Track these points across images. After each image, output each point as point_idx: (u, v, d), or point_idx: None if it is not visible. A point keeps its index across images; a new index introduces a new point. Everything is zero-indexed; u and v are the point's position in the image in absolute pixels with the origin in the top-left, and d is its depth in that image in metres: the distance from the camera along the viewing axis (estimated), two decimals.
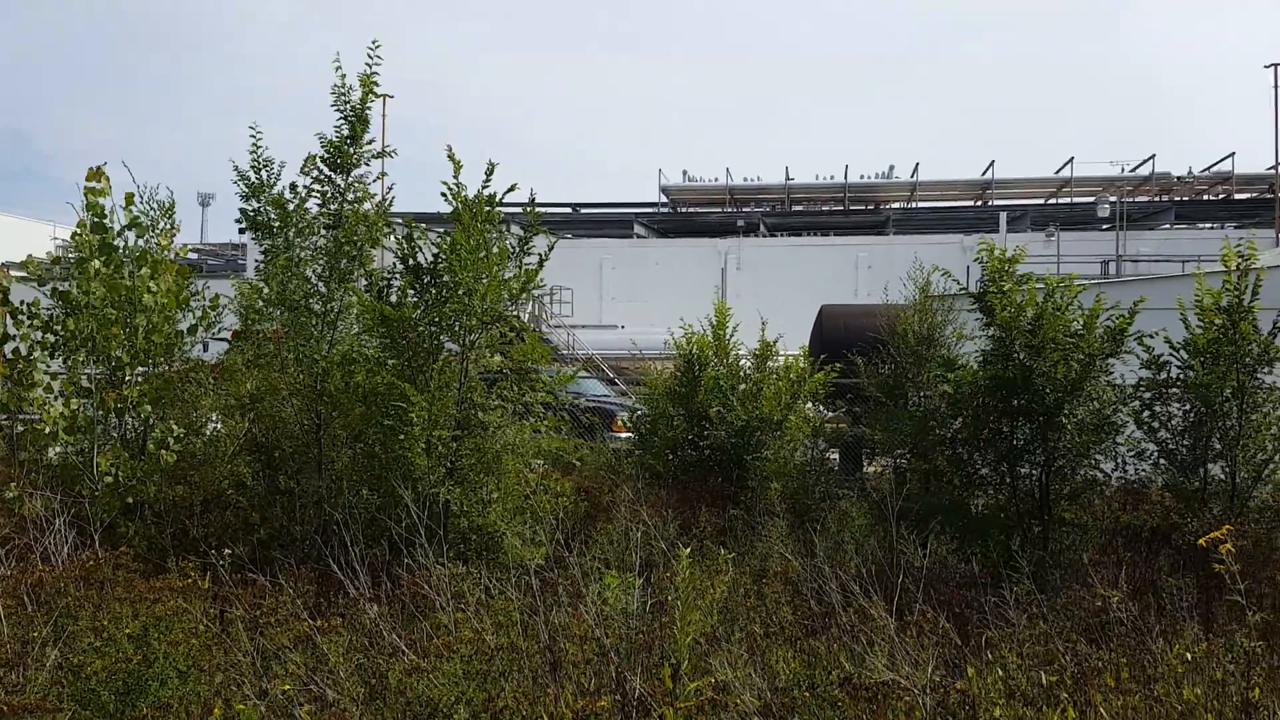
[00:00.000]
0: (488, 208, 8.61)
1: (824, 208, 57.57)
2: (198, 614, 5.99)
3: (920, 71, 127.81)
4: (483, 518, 7.91)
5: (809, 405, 12.66)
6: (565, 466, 10.55)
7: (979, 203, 55.49)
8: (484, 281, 8.16)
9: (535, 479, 8.63)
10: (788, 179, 55.44)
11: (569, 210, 56.46)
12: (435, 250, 8.49)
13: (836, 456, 13.69)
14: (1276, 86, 34.55)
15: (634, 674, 4.50)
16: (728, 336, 12.36)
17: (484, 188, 8.75)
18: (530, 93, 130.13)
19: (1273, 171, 43.02)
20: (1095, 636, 5.85)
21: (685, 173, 57.07)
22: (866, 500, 10.64)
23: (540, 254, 8.68)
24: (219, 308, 9.50)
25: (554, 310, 34.06)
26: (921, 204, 56.55)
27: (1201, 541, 5.53)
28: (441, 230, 8.85)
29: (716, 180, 56.36)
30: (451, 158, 8.81)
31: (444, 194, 8.69)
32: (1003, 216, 44.88)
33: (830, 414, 13.77)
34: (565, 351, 29.43)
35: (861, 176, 55.71)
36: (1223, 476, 8.81)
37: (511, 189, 9.01)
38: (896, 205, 56.32)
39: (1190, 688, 4.81)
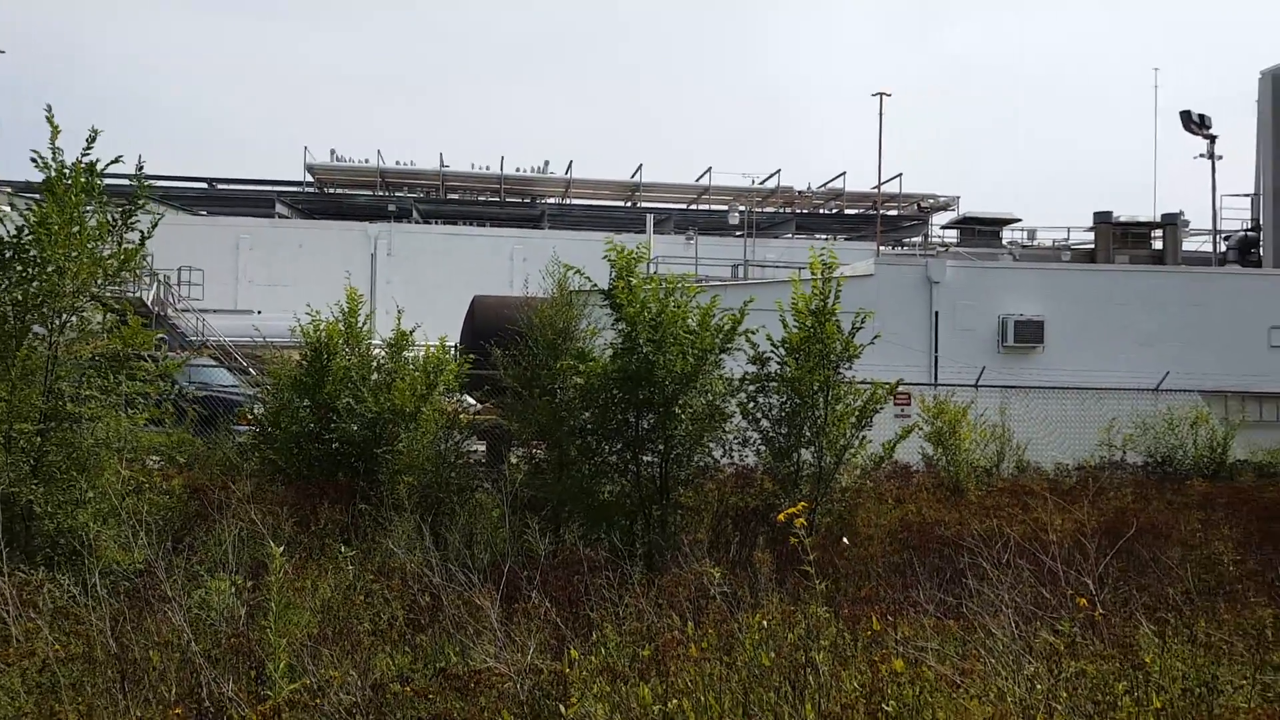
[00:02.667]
0: (86, 177, 7.81)
1: (480, 198, 57.59)
2: None
3: (574, 66, 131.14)
4: (72, 520, 7.16)
5: (458, 397, 12.59)
6: (180, 463, 9.79)
7: (629, 204, 58.04)
8: (76, 259, 7.38)
9: (138, 476, 7.93)
10: (443, 165, 54.81)
11: (205, 186, 52.31)
12: (23, 222, 7.58)
13: (484, 448, 13.75)
14: (881, 114, 39.04)
15: (225, 680, 4.26)
16: (361, 324, 12.00)
17: (84, 155, 7.95)
18: (175, 57, 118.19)
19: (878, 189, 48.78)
20: (693, 610, 6.32)
21: (334, 152, 54.55)
22: (503, 491, 10.78)
23: (143, 230, 7.98)
24: None
25: (182, 293, 31.33)
26: (575, 201, 58.18)
27: (780, 517, 6.17)
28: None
29: (367, 162, 54.39)
30: (50, 119, 7.96)
31: (34, 159, 7.84)
32: (649, 219, 47.24)
33: (480, 406, 13.79)
34: (194, 338, 27.23)
35: (518, 169, 56.30)
36: (812, 461, 9.86)
37: (116, 160, 8.26)
38: (552, 200, 57.50)
39: (765, 653, 5.33)
